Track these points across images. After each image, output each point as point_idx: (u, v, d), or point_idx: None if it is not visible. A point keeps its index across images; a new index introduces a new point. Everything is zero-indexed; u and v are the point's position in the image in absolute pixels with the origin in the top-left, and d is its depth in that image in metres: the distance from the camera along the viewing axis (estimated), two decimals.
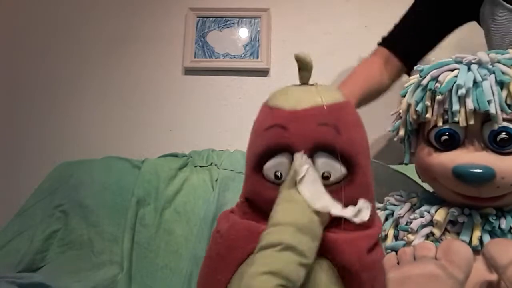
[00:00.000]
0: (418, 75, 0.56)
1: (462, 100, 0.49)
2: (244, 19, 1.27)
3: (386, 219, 0.58)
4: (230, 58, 1.24)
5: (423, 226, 0.53)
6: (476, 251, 0.48)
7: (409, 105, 0.56)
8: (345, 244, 0.46)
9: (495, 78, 0.48)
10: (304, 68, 0.53)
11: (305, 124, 0.49)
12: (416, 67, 0.57)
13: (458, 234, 0.50)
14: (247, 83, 1.24)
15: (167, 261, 0.85)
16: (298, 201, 0.44)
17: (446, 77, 0.51)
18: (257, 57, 1.23)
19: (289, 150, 0.48)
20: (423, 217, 0.53)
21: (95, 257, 0.84)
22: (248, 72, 1.24)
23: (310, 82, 0.53)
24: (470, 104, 0.48)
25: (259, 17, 1.26)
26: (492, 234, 0.49)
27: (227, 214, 0.54)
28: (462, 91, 0.48)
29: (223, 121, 1.21)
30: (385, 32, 0.93)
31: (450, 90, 0.50)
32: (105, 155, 1.03)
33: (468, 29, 0.90)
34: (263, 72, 1.24)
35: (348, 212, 0.44)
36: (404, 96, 0.58)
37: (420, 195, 0.59)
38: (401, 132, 0.58)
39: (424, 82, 0.53)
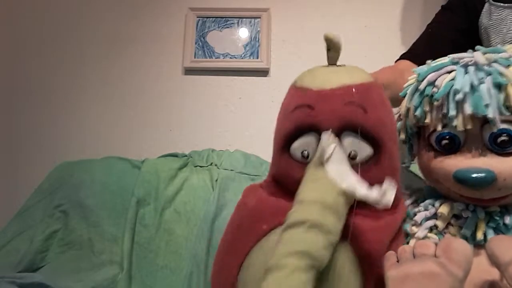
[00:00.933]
0: (416, 76, 0.56)
1: (459, 105, 0.49)
2: (244, 19, 1.27)
3: None
4: (230, 58, 1.24)
5: (427, 219, 0.53)
6: (479, 246, 0.48)
7: (408, 109, 0.56)
8: (370, 232, 0.46)
9: (492, 80, 0.48)
10: (332, 48, 0.53)
11: (332, 103, 0.49)
12: (413, 70, 0.57)
13: (461, 228, 0.50)
14: (247, 83, 1.24)
15: (167, 261, 0.85)
16: (324, 180, 0.44)
17: (443, 81, 0.51)
18: (257, 57, 1.23)
19: (316, 130, 0.48)
20: (427, 210, 0.53)
21: (95, 257, 0.84)
22: (248, 72, 1.24)
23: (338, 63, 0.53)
24: (468, 109, 0.48)
25: (259, 17, 1.26)
26: (496, 230, 0.49)
27: (255, 188, 0.55)
28: (459, 96, 0.48)
29: (223, 121, 1.21)
30: (385, 32, 0.93)
31: (447, 95, 0.50)
32: (105, 155, 1.03)
33: None
34: (263, 72, 1.24)
35: (372, 195, 0.44)
36: (404, 96, 0.58)
37: (425, 189, 0.59)
38: (402, 136, 0.58)
39: (422, 87, 0.53)
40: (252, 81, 1.24)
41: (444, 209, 0.52)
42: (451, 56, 0.53)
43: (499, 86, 0.48)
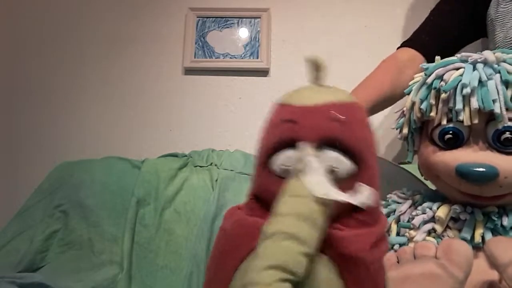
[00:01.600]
0: (423, 74, 0.56)
1: (466, 99, 0.49)
2: (244, 19, 1.27)
3: (388, 216, 0.58)
4: (230, 58, 1.24)
5: (425, 222, 0.53)
6: (478, 248, 0.48)
7: (413, 103, 0.56)
8: (347, 239, 0.46)
9: (501, 77, 0.48)
10: (316, 68, 0.54)
11: (314, 118, 0.49)
12: (421, 65, 0.57)
13: (459, 231, 0.50)
14: (247, 83, 1.24)
15: (167, 261, 0.85)
16: (299, 191, 0.44)
17: (451, 76, 0.51)
18: (257, 57, 1.23)
19: (298, 144, 0.48)
20: (425, 213, 0.53)
21: (95, 257, 0.84)
22: (248, 72, 1.24)
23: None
24: (474, 103, 0.48)
25: (259, 17, 1.26)
26: (494, 232, 0.49)
27: (233, 211, 0.55)
28: (467, 90, 0.48)
29: (223, 121, 1.21)
30: (385, 32, 0.93)
31: (455, 89, 0.50)
32: (105, 155, 1.03)
33: None
34: (263, 72, 1.24)
35: (350, 198, 0.44)
36: (409, 94, 0.58)
37: (423, 192, 0.59)
38: (405, 130, 0.58)
39: (429, 80, 0.53)
40: (252, 81, 1.24)
41: (441, 212, 0.51)
42: (460, 54, 0.53)
43: (506, 83, 0.48)
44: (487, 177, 0.46)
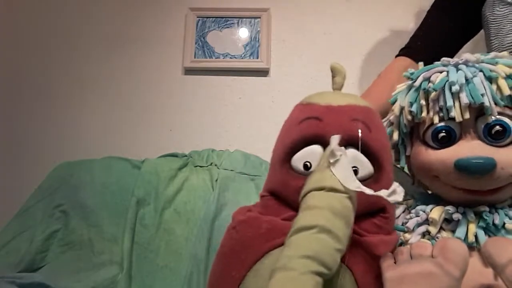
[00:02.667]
0: (405, 83, 0.58)
1: (456, 95, 0.51)
2: (244, 19, 1.27)
3: None
4: (230, 58, 1.24)
5: (419, 224, 0.54)
6: (471, 247, 0.49)
7: (402, 108, 0.57)
8: (375, 244, 0.46)
9: (484, 74, 0.51)
10: (337, 75, 0.57)
11: (339, 117, 0.50)
12: (405, 74, 0.59)
13: (453, 232, 0.51)
14: (247, 83, 1.24)
15: (167, 261, 0.85)
16: (333, 185, 0.43)
17: (438, 77, 0.53)
18: (257, 57, 1.23)
19: (322, 141, 0.49)
20: (418, 216, 0.54)
21: (95, 257, 0.84)
22: (248, 72, 1.24)
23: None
24: (464, 98, 0.50)
25: (259, 17, 1.26)
26: (486, 230, 0.50)
27: (244, 211, 0.54)
28: (455, 87, 0.50)
29: (223, 121, 1.21)
30: (385, 32, 0.93)
31: (443, 88, 0.52)
32: (105, 155, 1.03)
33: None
34: (263, 72, 1.24)
35: (382, 193, 0.44)
36: (393, 103, 0.60)
37: (416, 196, 0.60)
38: (395, 137, 0.60)
39: (417, 83, 0.55)
40: (252, 81, 1.24)
41: (435, 214, 0.52)
42: (441, 60, 0.56)
43: (490, 80, 0.51)
44: (486, 168, 0.48)
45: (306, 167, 0.49)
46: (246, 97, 1.23)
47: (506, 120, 0.50)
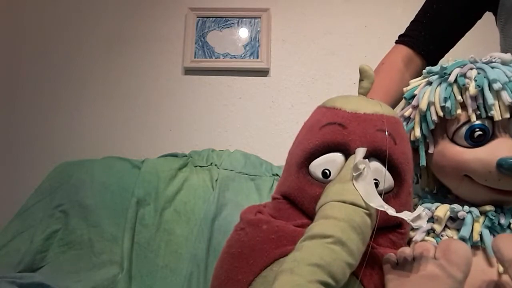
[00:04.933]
0: (422, 79, 0.57)
1: (497, 94, 0.50)
2: (244, 19, 1.27)
3: None
4: (230, 58, 1.24)
5: None
6: (476, 246, 0.49)
7: (430, 104, 0.55)
8: (380, 261, 0.45)
9: None
10: (365, 79, 0.53)
11: (365, 126, 0.48)
12: (428, 69, 0.57)
13: (458, 230, 0.50)
14: (247, 83, 1.24)
15: (167, 261, 0.85)
16: (354, 199, 0.42)
17: (474, 74, 0.52)
18: (257, 57, 1.23)
19: (344, 149, 0.47)
20: None
21: (95, 257, 0.84)
22: (248, 72, 1.24)
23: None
24: (507, 97, 0.49)
25: (259, 17, 1.26)
26: (492, 230, 0.49)
27: (254, 211, 0.52)
28: (498, 85, 0.49)
29: (223, 121, 1.21)
30: (385, 32, 0.92)
31: (483, 86, 0.51)
32: (105, 155, 1.03)
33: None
34: (263, 72, 1.24)
35: (406, 215, 0.42)
36: (410, 98, 0.58)
37: (421, 195, 0.60)
38: (417, 133, 0.57)
39: (451, 78, 0.53)
40: (252, 81, 1.24)
41: (440, 212, 0.52)
42: (469, 57, 0.55)
43: None
44: None
45: (325, 174, 0.47)
46: (246, 97, 1.23)
47: None
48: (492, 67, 0.51)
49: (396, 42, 0.87)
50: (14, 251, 0.83)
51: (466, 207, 0.51)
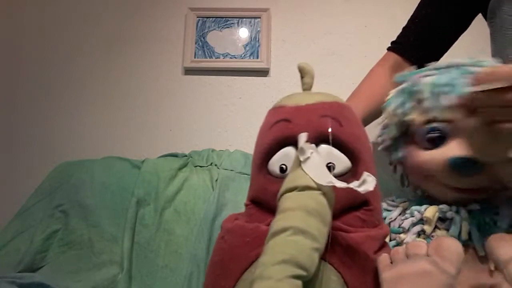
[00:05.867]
0: (396, 88, 0.60)
1: (442, 97, 0.53)
2: (244, 19, 1.27)
3: None
4: (230, 58, 1.24)
5: (414, 224, 0.55)
6: (466, 245, 0.50)
7: (394, 111, 0.59)
8: (353, 245, 0.45)
9: (468, 73, 0.52)
10: (306, 75, 0.57)
11: (308, 116, 0.50)
12: (395, 79, 0.62)
13: (447, 230, 0.53)
14: (247, 83, 1.24)
15: (167, 261, 0.85)
16: (304, 182, 0.43)
17: (425, 80, 0.55)
18: (257, 57, 1.23)
19: (293, 142, 0.49)
20: (413, 216, 0.56)
21: (95, 257, 0.84)
22: (248, 72, 1.24)
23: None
24: (451, 99, 0.52)
25: (259, 17, 1.26)
26: (480, 228, 0.51)
27: (232, 219, 0.54)
28: (441, 89, 0.53)
29: (223, 121, 1.21)
30: (385, 32, 0.92)
31: (431, 91, 0.54)
32: (105, 155, 1.03)
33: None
34: (263, 72, 1.24)
35: (353, 184, 0.44)
36: (388, 107, 0.62)
37: (410, 198, 0.62)
38: (388, 141, 0.62)
39: (405, 86, 0.58)
40: (252, 81, 1.24)
41: (429, 213, 0.54)
42: (430, 64, 0.58)
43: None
44: (475, 167, 0.49)
45: (282, 170, 0.49)
46: (246, 97, 1.23)
47: None
48: (444, 72, 0.54)
49: (388, 49, 0.89)
50: (14, 251, 0.83)
51: (453, 207, 0.53)
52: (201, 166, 1.00)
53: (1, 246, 0.84)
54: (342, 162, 0.49)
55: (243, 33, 1.26)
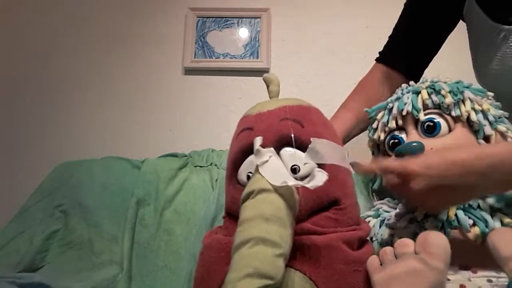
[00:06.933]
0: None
1: (389, 111, 0.67)
2: (244, 19, 1.27)
3: (380, 225, 0.61)
4: (230, 58, 1.24)
5: (406, 213, 0.59)
6: (455, 228, 0.54)
7: (369, 137, 0.74)
8: (325, 249, 0.45)
9: (412, 90, 0.66)
10: (271, 84, 0.59)
11: (268, 121, 0.51)
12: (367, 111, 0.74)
13: (435, 217, 0.56)
14: (247, 83, 1.24)
15: (167, 261, 0.85)
16: (258, 185, 0.42)
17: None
18: (257, 57, 1.23)
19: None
20: (404, 207, 0.60)
21: (95, 257, 0.84)
22: (248, 72, 1.24)
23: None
24: (394, 110, 0.65)
25: (259, 17, 1.26)
26: (465, 211, 0.55)
27: (211, 234, 0.54)
28: (389, 105, 0.67)
29: (223, 121, 1.21)
30: (385, 32, 0.92)
31: (383, 108, 0.69)
32: (105, 155, 1.03)
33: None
34: (263, 72, 1.22)
35: (304, 182, 0.44)
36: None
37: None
38: (370, 147, 0.75)
39: (373, 114, 0.73)
40: (252, 81, 1.24)
41: None
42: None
43: (417, 92, 0.65)
44: (415, 147, 0.57)
45: (249, 178, 0.48)
46: (246, 97, 1.23)
47: (435, 116, 0.62)
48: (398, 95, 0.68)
49: (376, 60, 0.89)
50: (14, 251, 0.83)
51: None
52: (201, 166, 1.00)
53: (1, 246, 0.84)
54: (307, 163, 0.48)
55: (243, 33, 1.26)
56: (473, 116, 0.60)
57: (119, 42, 1.28)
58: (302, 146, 0.48)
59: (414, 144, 0.58)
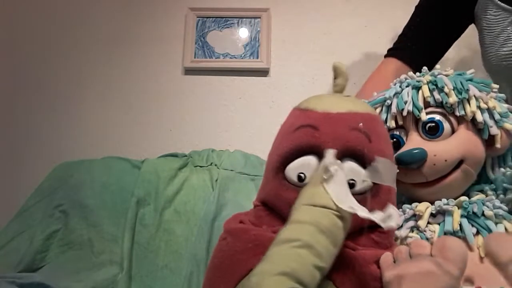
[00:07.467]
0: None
1: (388, 108, 0.62)
2: (244, 19, 1.27)
3: None
4: (230, 58, 1.24)
5: (407, 220, 0.57)
6: (457, 237, 0.52)
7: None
8: (364, 258, 0.44)
9: (412, 84, 0.61)
10: (339, 77, 0.54)
11: (337, 126, 0.47)
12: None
13: (439, 224, 0.54)
14: (247, 83, 1.24)
15: (167, 261, 0.85)
16: (323, 201, 0.41)
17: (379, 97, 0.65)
18: (257, 57, 1.23)
19: (317, 152, 0.46)
20: (405, 213, 0.58)
21: (95, 257, 0.84)
22: (248, 72, 1.24)
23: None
24: (393, 109, 0.60)
25: (259, 17, 1.26)
26: (469, 220, 0.53)
27: (236, 220, 0.52)
28: (388, 102, 0.62)
29: (223, 121, 1.21)
30: (384, 31, 0.93)
31: (381, 104, 0.64)
32: (105, 155, 1.03)
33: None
34: (263, 72, 1.24)
35: (376, 216, 0.42)
36: None
37: (403, 199, 0.63)
38: None
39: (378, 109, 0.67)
40: (252, 81, 1.24)
41: (421, 207, 0.56)
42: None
43: (417, 88, 0.60)
44: (417, 156, 0.55)
45: (300, 178, 0.46)
46: (246, 97, 1.23)
47: (437, 117, 0.58)
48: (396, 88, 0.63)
49: (385, 56, 0.89)
50: (14, 251, 0.83)
51: (444, 200, 0.55)
52: (201, 166, 1.00)
53: (1, 246, 0.84)
54: (365, 180, 0.46)
55: (243, 33, 1.26)
56: (479, 117, 0.56)
57: (119, 42, 1.28)
58: (365, 161, 0.46)
59: (415, 151, 0.55)
